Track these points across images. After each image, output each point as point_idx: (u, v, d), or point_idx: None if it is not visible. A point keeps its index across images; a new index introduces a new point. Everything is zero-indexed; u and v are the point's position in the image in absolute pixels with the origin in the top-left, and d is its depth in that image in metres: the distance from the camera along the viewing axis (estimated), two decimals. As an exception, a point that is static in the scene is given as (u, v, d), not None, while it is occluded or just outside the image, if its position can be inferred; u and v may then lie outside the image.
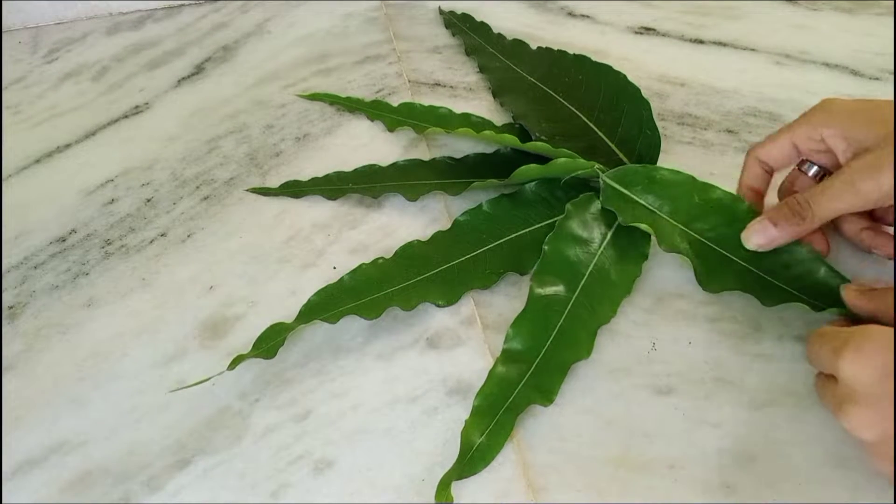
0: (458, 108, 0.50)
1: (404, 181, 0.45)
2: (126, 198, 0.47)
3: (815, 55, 0.54)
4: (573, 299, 0.36)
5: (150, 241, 0.44)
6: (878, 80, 0.51)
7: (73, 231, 0.45)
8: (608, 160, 0.43)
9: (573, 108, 0.48)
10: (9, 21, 0.65)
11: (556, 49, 0.54)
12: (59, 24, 0.66)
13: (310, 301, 0.37)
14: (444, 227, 0.41)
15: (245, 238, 0.43)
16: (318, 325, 0.37)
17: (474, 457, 0.31)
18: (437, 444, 0.32)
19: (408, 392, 0.35)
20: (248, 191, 0.47)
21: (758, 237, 0.35)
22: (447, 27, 0.61)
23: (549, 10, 0.63)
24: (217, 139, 0.51)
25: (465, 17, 0.61)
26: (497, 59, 0.55)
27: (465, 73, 0.56)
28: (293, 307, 0.37)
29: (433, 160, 0.47)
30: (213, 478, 0.32)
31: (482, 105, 0.52)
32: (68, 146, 0.52)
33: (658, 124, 0.45)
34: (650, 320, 0.37)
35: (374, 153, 0.48)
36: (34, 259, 0.43)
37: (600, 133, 0.45)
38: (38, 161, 0.50)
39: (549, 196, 0.42)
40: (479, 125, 0.48)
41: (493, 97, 0.53)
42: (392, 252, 0.40)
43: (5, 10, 0.65)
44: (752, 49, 0.56)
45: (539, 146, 0.42)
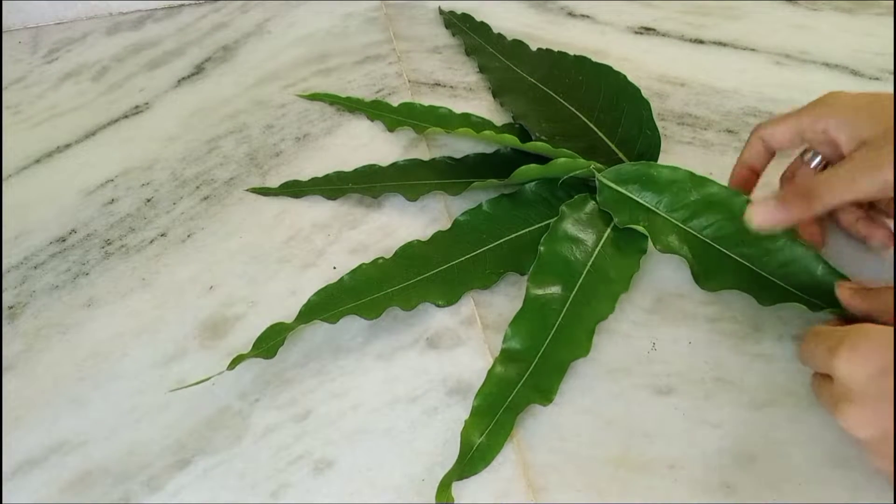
0: (458, 108, 0.50)
1: (404, 181, 0.45)
2: (126, 198, 0.47)
3: (815, 55, 0.54)
4: (570, 298, 0.36)
5: (150, 241, 0.44)
6: (878, 80, 0.51)
7: (73, 231, 0.45)
8: (608, 160, 0.43)
9: (573, 109, 0.48)
10: (9, 21, 0.65)
11: (556, 50, 0.54)
12: (59, 24, 0.66)
13: (310, 301, 0.37)
14: (444, 227, 0.41)
15: (245, 238, 0.43)
16: (318, 325, 0.37)
17: (474, 457, 0.31)
18: (437, 444, 0.32)
19: (408, 392, 0.35)
20: (248, 191, 0.47)
21: (761, 216, 0.34)
22: (447, 27, 0.61)
23: (549, 10, 0.63)
24: (217, 139, 0.51)
25: (465, 17, 0.61)
26: (497, 60, 0.55)
27: (465, 73, 0.56)
28: (293, 307, 0.37)
29: (433, 160, 0.47)
30: (213, 478, 0.32)
31: (482, 105, 0.52)
32: (68, 146, 0.52)
33: (658, 124, 0.45)
34: (650, 320, 0.37)
35: (374, 153, 0.48)
36: (34, 259, 0.43)
37: (600, 133, 0.45)
38: (38, 161, 0.50)
39: (549, 196, 0.42)
40: (479, 125, 0.48)
41: (493, 97, 0.53)
42: (392, 252, 0.40)
43: (5, 10, 0.65)
44: (752, 49, 0.56)
45: (539, 146, 0.42)
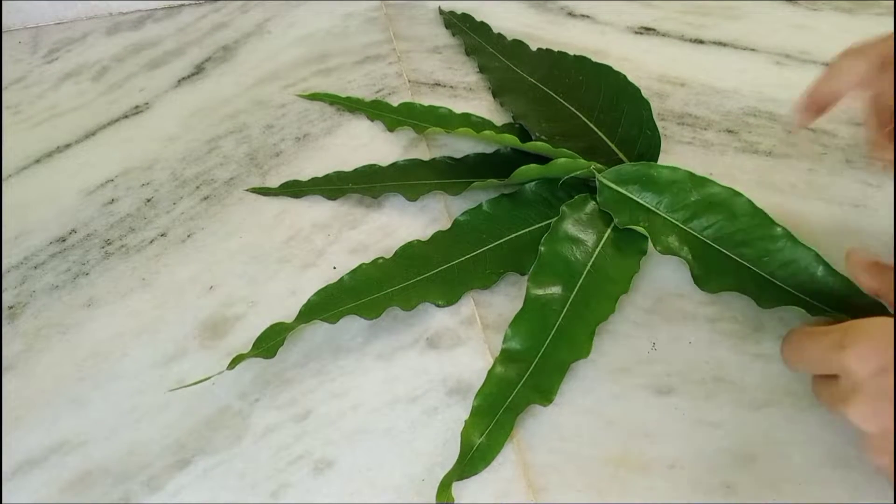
0: (458, 108, 0.50)
1: (404, 181, 0.45)
2: (126, 198, 0.47)
3: (815, 55, 0.54)
4: (571, 298, 0.36)
5: (150, 241, 0.44)
6: (878, 80, 0.51)
7: (73, 231, 0.45)
8: (608, 160, 0.43)
9: (573, 109, 0.48)
10: (9, 21, 0.65)
11: (556, 50, 0.54)
12: (59, 24, 0.66)
13: (310, 301, 0.37)
14: (444, 227, 0.41)
15: (245, 238, 0.43)
16: (318, 325, 0.37)
17: (474, 457, 0.32)
18: (437, 444, 0.32)
19: (408, 392, 0.35)
20: (248, 191, 0.47)
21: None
22: (447, 27, 0.61)
23: (549, 10, 0.63)
24: (217, 139, 0.51)
25: (465, 17, 0.61)
26: (497, 60, 0.55)
27: (465, 73, 0.56)
28: (293, 307, 0.37)
29: (433, 160, 0.47)
30: (213, 478, 0.32)
31: (482, 105, 0.52)
32: (68, 146, 0.52)
33: (658, 124, 0.45)
34: (650, 320, 0.37)
35: (374, 153, 0.48)
36: (34, 259, 0.43)
37: (600, 133, 0.45)
38: (38, 161, 0.50)
39: (550, 196, 0.42)
40: (479, 125, 0.48)
41: (493, 97, 0.52)
42: (392, 252, 0.40)
43: (5, 10, 0.65)
44: (752, 49, 0.56)
45: (539, 146, 0.42)
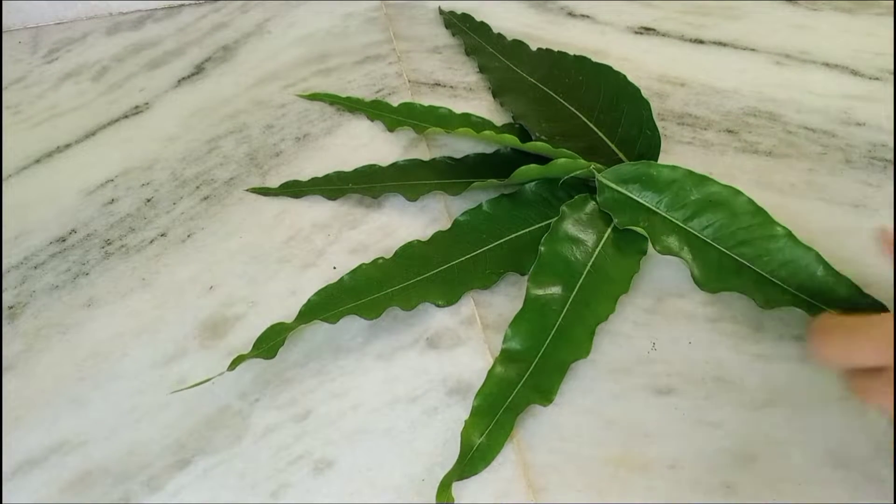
0: (458, 108, 0.50)
1: (404, 181, 0.45)
2: (126, 198, 0.47)
3: (815, 55, 0.54)
4: (571, 298, 0.36)
5: (150, 241, 0.44)
6: (878, 80, 0.51)
7: (73, 231, 0.45)
8: (608, 160, 0.43)
9: (573, 109, 0.48)
10: (9, 21, 0.65)
11: (556, 50, 0.54)
12: (59, 24, 0.66)
13: (310, 301, 0.37)
14: (444, 227, 0.41)
15: (245, 238, 0.43)
16: (318, 325, 0.37)
17: (474, 457, 0.32)
18: (437, 444, 0.32)
19: (408, 392, 0.35)
20: (248, 191, 0.47)
21: None
22: (447, 27, 0.61)
23: (549, 10, 0.63)
24: (217, 139, 0.51)
25: (465, 17, 0.61)
26: (497, 60, 0.55)
27: (465, 73, 0.56)
28: (293, 307, 0.37)
29: (433, 160, 0.47)
30: (213, 478, 0.32)
31: (482, 105, 0.52)
32: (68, 146, 0.52)
33: (658, 124, 0.45)
34: (650, 320, 0.37)
35: (374, 153, 0.48)
36: (34, 259, 0.43)
37: (600, 133, 0.45)
38: (38, 161, 0.50)
39: (550, 196, 0.42)
40: (479, 125, 0.48)
41: (493, 97, 0.52)
42: (392, 252, 0.40)
43: (5, 10, 0.65)
44: (752, 49, 0.56)
45: (539, 146, 0.42)
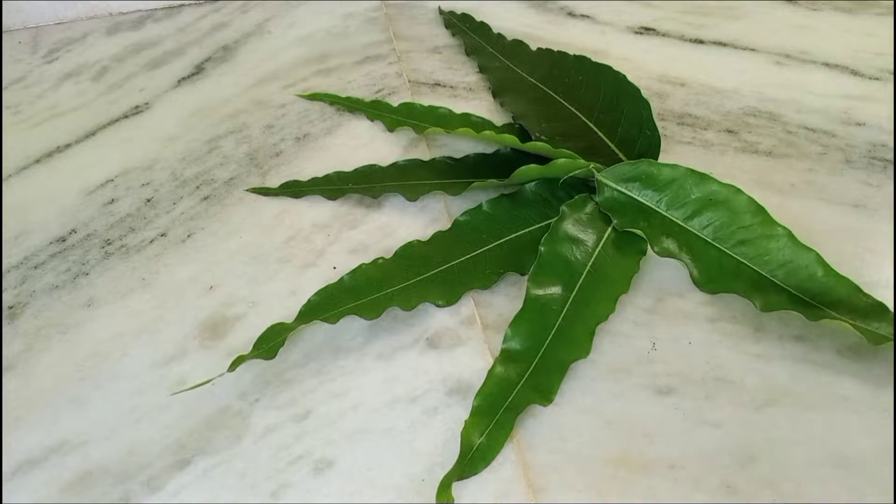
0: (458, 108, 0.50)
1: (404, 181, 0.45)
2: (126, 198, 0.47)
3: (815, 55, 0.54)
4: (571, 298, 0.36)
5: (150, 241, 0.44)
6: (878, 80, 0.51)
7: (73, 231, 0.45)
8: (608, 160, 0.43)
9: (573, 109, 0.48)
10: (9, 21, 0.65)
11: (556, 50, 0.54)
12: (59, 24, 0.66)
13: (310, 301, 0.37)
14: (444, 227, 0.41)
15: (245, 238, 0.43)
16: (318, 325, 0.37)
17: (474, 457, 0.31)
18: (437, 444, 0.32)
19: (408, 392, 0.35)
20: (248, 191, 0.47)
21: None
22: (447, 27, 0.61)
23: (549, 10, 0.63)
24: (217, 139, 0.51)
25: (465, 17, 0.61)
26: (497, 60, 0.55)
27: (465, 73, 0.56)
28: (293, 307, 0.37)
29: (433, 160, 0.47)
30: (213, 478, 0.32)
31: (482, 105, 0.52)
32: (68, 146, 0.52)
33: (658, 124, 0.45)
34: (650, 320, 0.37)
35: (374, 153, 0.48)
36: (34, 259, 0.43)
37: (600, 133, 0.45)
38: (38, 161, 0.50)
39: (549, 196, 0.42)
40: (479, 125, 0.48)
41: (493, 97, 0.52)
42: (392, 252, 0.40)
43: (5, 10, 0.65)
44: (752, 49, 0.56)
45: (539, 146, 0.42)
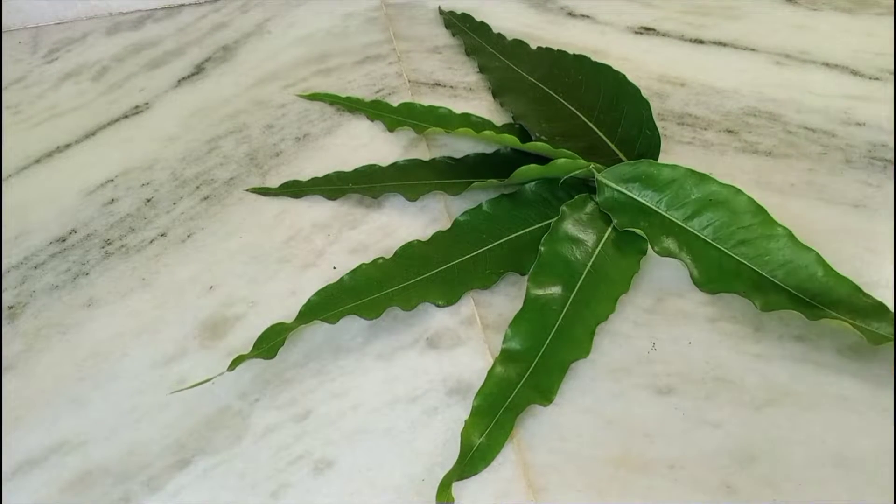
0: (458, 108, 0.50)
1: (404, 181, 0.45)
2: (126, 198, 0.47)
3: (815, 55, 0.54)
4: (571, 298, 0.36)
5: (150, 241, 0.44)
6: (878, 80, 0.51)
7: (73, 231, 0.45)
8: (608, 160, 0.43)
9: (573, 109, 0.48)
10: (9, 21, 0.65)
11: (556, 49, 0.54)
12: (59, 24, 0.66)
13: (310, 301, 0.37)
14: (444, 227, 0.41)
15: (245, 238, 0.43)
16: (318, 325, 0.37)
17: (474, 457, 0.31)
18: (437, 444, 0.32)
19: (408, 392, 0.35)
20: (248, 191, 0.47)
21: None
22: (447, 27, 0.61)
23: (549, 10, 0.63)
24: (217, 139, 0.51)
25: (465, 17, 0.61)
26: (497, 59, 0.55)
27: (465, 73, 0.56)
28: (293, 307, 0.37)
29: (433, 160, 0.47)
30: (213, 478, 0.32)
31: (482, 105, 0.52)
32: (68, 146, 0.52)
33: (658, 124, 0.45)
34: (650, 320, 0.37)
35: (374, 153, 0.48)
36: (34, 259, 0.43)
37: (600, 133, 0.45)
38: (38, 161, 0.50)
39: (550, 196, 0.42)
40: (479, 125, 0.48)
41: (493, 97, 0.52)
42: (392, 252, 0.40)
43: (5, 10, 0.65)
44: (752, 49, 0.56)
45: (539, 146, 0.42)
